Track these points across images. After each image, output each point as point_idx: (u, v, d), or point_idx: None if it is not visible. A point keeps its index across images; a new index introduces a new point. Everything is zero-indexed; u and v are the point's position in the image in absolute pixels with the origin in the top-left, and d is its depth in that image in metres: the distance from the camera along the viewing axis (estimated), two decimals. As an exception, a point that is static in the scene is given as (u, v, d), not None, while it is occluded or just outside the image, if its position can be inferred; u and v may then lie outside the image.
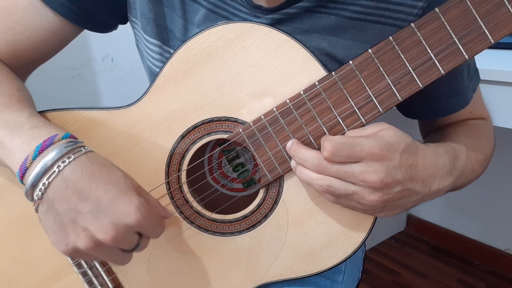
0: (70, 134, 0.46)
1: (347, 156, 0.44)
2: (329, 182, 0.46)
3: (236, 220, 0.54)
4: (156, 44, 0.60)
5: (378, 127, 0.46)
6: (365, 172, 0.44)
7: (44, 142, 0.43)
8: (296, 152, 0.48)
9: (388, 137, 0.45)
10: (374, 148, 0.44)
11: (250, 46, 0.50)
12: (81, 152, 0.43)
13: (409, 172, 0.45)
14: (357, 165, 0.44)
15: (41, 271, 0.55)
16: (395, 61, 0.47)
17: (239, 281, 0.56)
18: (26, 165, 0.43)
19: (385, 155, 0.44)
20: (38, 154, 0.43)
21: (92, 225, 0.42)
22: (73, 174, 0.42)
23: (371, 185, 0.44)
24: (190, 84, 0.51)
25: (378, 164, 0.44)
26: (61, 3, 0.56)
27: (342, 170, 0.45)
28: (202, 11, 0.57)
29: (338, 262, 0.53)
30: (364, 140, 0.44)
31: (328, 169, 0.45)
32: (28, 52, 0.59)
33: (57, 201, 0.42)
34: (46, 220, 0.44)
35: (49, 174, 0.42)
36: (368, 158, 0.44)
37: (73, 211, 0.42)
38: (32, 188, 0.43)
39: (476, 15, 0.45)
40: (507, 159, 1.62)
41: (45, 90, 1.21)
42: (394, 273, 1.76)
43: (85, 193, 0.42)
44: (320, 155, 0.46)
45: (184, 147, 0.53)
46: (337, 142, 0.44)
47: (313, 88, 0.49)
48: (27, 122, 0.46)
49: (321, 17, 0.55)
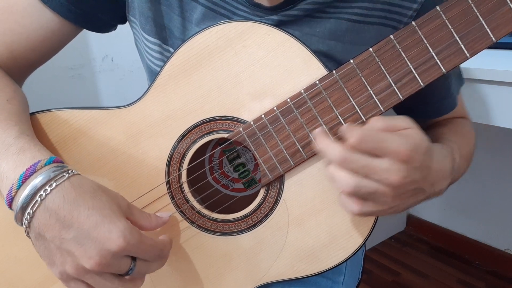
0: (54, 158, 0.45)
1: (373, 148, 0.43)
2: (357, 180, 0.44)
3: (236, 220, 0.54)
4: (155, 43, 0.60)
5: (405, 123, 0.45)
6: (390, 169, 0.43)
7: (27, 170, 0.43)
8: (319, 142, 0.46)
9: (414, 137, 0.44)
10: (401, 147, 0.43)
11: (251, 45, 0.50)
12: (64, 177, 0.43)
13: (425, 173, 0.45)
14: (382, 161, 0.43)
15: (41, 270, 0.55)
16: (396, 60, 0.47)
17: (240, 281, 0.56)
18: (11, 194, 0.43)
19: (411, 156, 0.43)
20: (21, 183, 0.43)
21: (76, 252, 0.42)
22: (55, 202, 0.42)
23: (391, 183, 0.43)
24: (190, 83, 0.51)
25: (401, 164, 0.43)
26: (60, 3, 0.56)
27: (368, 165, 0.43)
28: (200, 9, 0.57)
29: (339, 262, 0.53)
30: (391, 137, 0.43)
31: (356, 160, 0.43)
32: (27, 53, 0.58)
33: (42, 229, 0.42)
34: (36, 246, 0.44)
35: (33, 203, 0.42)
36: (393, 156, 0.43)
37: (57, 239, 0.42)
38: (21, 215, 0.43)
39: (477, 13, 0.45)
40: (507, 159, 1.62)
41: (45, 90, 1.21)
42: (394, 273, 1.76)
43: (67, 220, 0.42)
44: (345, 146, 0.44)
45: (185, 146, 0.53)
46: (365, 131, 0.43)
47: (314, 87, 0.48)
48: (13, 144, 0.46)
49: (320, 21, 0.55)
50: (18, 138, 0.47)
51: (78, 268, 0.42)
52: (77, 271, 0.42)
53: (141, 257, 0.45)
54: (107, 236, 0.41)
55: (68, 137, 0.54)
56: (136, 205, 0.51)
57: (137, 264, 0.45)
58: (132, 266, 0.44)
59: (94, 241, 0.41)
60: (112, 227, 0.42)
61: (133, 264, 0.44)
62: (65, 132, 0.54)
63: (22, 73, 0.61)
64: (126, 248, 0.42)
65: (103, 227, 0.41)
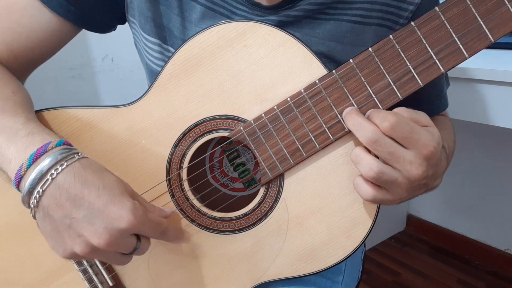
0: (64, 140, 0.46)
1: (404, 137, 0.43)
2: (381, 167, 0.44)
3: (236, 218, 0.54)
4: (155, 42, 0.60)
5: (426, 120, 0.46)
6: (413, 162, 0.44)
7: (38, 150, 0.44)
8: (353, 118, 0.46)
9: (438, 136, 0.45)
10: (428, 142, 0.44)
11: (251, 44, 0.50)
12: (74, 158, 0.44)
13: (435, 169, 0.46)
14: (408, 152, 0.44)
15: (41, 268, 0.55)
16: (395, 59, 0.47)
17: (240, 279, 0.56)
18: (21, 173, 0.43)
19: (434, 153, 0.44)
20: (32, 162, 0.43)
21: (86, 231, 0.42)
22: (66, 181, 0.42)
23: (410, 175, 0.44)
24: (191, 82, 0.52)
25: (424, 159, 0.44)
26: (60, 3, 0.56)
27: (395, 152, 0.43)
28: (200, 9, 0.57)
29: (338, 261, 0.53)
30: (423, 131, 0.44)
31: (384, 144, 0.44)
32: (26, 52, 0.59)
33: (52, 208, 0.43)
34: (43, 226, 0.45)
35: (43, 182, 0.42)
36: (420, 149, 0.43)
37: (68, 218, 0.42)
38: (28, 195, 0.43)
39: (476, 14, 0.45)
40: (507, 159, 1.62)
41: (45, 90, 1.21)
42: (394, 273, 1.76)
43: (78, 199, 0.42)
44: (377, 128, 0.44)
45: (185, 145, 0.53)
46: (402, 119, 0.44)
47: (314, 87, 0.49)
48: (22, 128, 0.47)
49: (320, 23, 0.56)
50: (26, 124, 0.47)
51: (87, 248, 0.43)
52: (86, 250, 0.43)
53: (148, 235, 0.46)
54: (117, 215, 0.42)
55: (69, 135, 0.54)
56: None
57: (142, 243, 0.46)
58: (138, 245, 0.45)
59: (104, 220, 0.42)
60: (122, 206, 0.42)
61: (138, 244, 0.45)
62: (67, 130, 0.54)
63: (22, 72, 0.61)
64: (135, 226, 0.43)
65: (113, 206, 0.42)
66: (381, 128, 0.44)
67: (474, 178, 1.73)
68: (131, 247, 0.45)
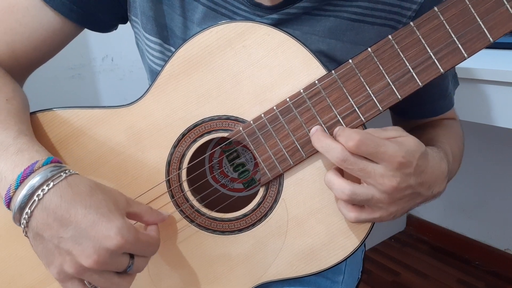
0: (52, 158, 0.45)
1: (370, 153, 0.44)
2: (353, 188, 0.45)
3: (236, 219, 0.54)
4: (156, 42, 0.60)
5: (397, 132, 0.47)
6: (385, 175, 0.44)
7: (25, 170, 0.43)
8: (320, 140, 0.47)
9: (409, 144, 0.45)
10: (397, 153, 0.44)
11: (251, 45, 0.50)
12: (61, 177, 0.43)
13: (420, 177, 0.46)
14: (378, 166, 0.44)
15: (41, 269, 0.55)
16: (394, 59, 0.47)
17: (239, 280, 0.56)
18: (9, 194, 0.43)
19: (405, 162, 0.44)
20: (19, 183, 0.43)
21: (74, 250, 0.42)
22: (52, 201, 0.42)
23: (385, 189, 0.44)
24: (191, 82, 0.52)
25: (396, 170, 0.44)
26: (62, 3, 0.56)
27: (365, 169, 0.44)
28: (202, 9, 0.57)
29: (338, 261, 0.53)
30: (388, 143, 0.44)
31: (354, 162, 0.44)
32: (28, 52, 0.59)
33: (41, 228, 0.42)
34: (35, 245, 0.45)
35: (30, 203, 0.42)
36: (389, 161, 0.44)
37: (56, 238, 0.42)
38: (18, 215, 0.43)
39: (475, 14, 0.45)
40: (507, 159, 1.62)
41: (45, 90, 1.21)
42: (394, 273, 1.76)
43: (65, 219, 0.42)
44: (344, 147, 0.45)
45: (185, 145, 0.53)
46: (365, 136, 0.44)
47: (313, 87, 0.49)
48: (12, 144, 0.46)
49: (320, 19, 0.55)
50: (17, 139, 0.47)
51: (77, 267, 0.42)
52: (76, 269, 0.43)
53: (139, 254, 0.45)
54: (105, 235, 0.41)
55: (69, 136, 0.54)
56: (136, 204, 0.51)
57: (136, 261, 0.45)
58: (131, 263, 0.44)
59: (92, 240, 0.41)
60: (110, 226, 0.42)
61: (131, 262, 0.44)
62: (66, 131, 0.54)
63: (23, 72, 0.61)
64: (123, 246, 0.42)
65: (101, 226, 0.42)
66: (347, 147, 0.45)
67: (474, 178, 1.73)
68: (123, 265, 0.44)
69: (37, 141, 0.49)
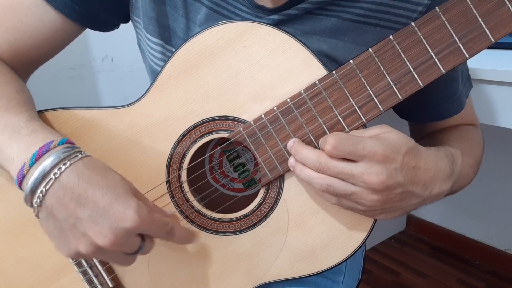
0: (66, 139, 0.46)
1: (349, 152, 0.44)
2: (329, 181, 0.46)
3: (236, 219, 0.54)
4: (158, 43, 0.60)
5: (381, 129, 0.46)
6: (365, 173, 0.44)
7: (40, 148, 0.43)
8: (297, 152, 0.48)
9: (391, 139, 0.45)
10: (376, 148, 0.43)
11: (251, 45, 0.50)
12: (77, 157, 0.43)
13: (411, 174, 0.45)
14: (357, 165, 0.44)
15: (41, 269, 0.55)
16: (395, 60, 0.47)
17: (240, 281, 0.56)
18: (23, 172, 0.43)
19: (388, 156, 0.44)
20: (34, 161, 0.43)
21: (91, 231, 0.42)
22: (69, 180, 0.42)
23: (371, 186, 0.44)
24: (191, 83, 0.51)
25: (379, 166, 0.44)
26: (64, 2, 0.56)
27: (342, 171, 0.44)
28: (204, 10, 0.57)
29: (338, 262, 0.53)
30: (367, 139, 0.44)
31: (329, 168, 0.45)
32: (30, 51, 0.59)
33: (56, 208, 0.42)
34: (47, 225, 0.44)
35: (46, 181, 0.42)
36: (370, 158, 0.44)
37: (72, 217, 0.42)
38: (31, 195, 0.43)
39: (476, 14, 0.45)
40: (507, 159, 1.62)
41: (45, 90, 1.21)
42: (394, 273, 1.76)
43: (82, 199, 0.42)
44: (321, 154, 0.46)
45: (185, 146, 0.53)
46: (340, 137, 0.44)
47: (314, 87, 0.49)
48: (25, 127, 0.46)
49: (321, 19, 0.55)
50: (29, 122, 0.47)
51: (92, 247, 0.43)
52: (91, 250, 0.43)
53: (152, 235, 0.46)
54: (122, 215, 0.42)
55: (68, 136, 0.53)
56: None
57: (146, 243, 0.45)
58: (142, 245, 0.45)
59: (110, 219, 0.41)
60: (127, 205, 0.42)
61: (143, 244, 0.45)
62: (66, 132, 0.54)
63: (25, 71, 0.61)
64: (140, 226, 0.42)
65: (118, 206, 0.42)
66: (326, 152, 0.45)
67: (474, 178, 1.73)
68: (136, 247, 0.44)
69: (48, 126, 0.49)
